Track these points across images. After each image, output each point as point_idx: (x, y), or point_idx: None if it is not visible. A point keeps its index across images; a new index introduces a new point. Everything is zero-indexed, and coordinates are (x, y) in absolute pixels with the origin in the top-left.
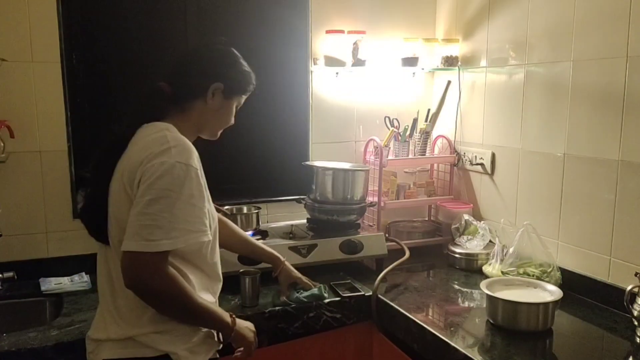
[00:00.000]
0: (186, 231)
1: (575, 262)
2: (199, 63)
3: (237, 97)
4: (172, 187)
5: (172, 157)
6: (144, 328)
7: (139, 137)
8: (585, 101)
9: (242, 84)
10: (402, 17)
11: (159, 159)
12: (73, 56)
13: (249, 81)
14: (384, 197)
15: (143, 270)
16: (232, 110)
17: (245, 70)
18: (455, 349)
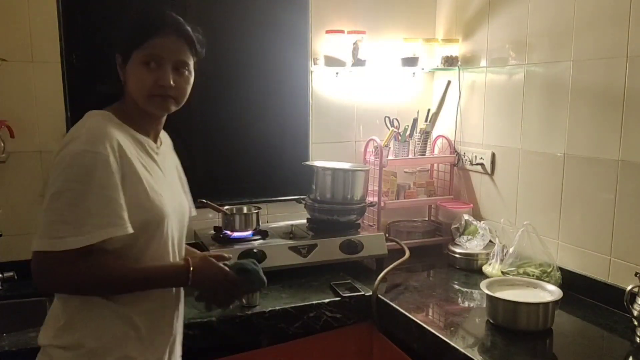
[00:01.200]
0: (97, 226)
1: (575, 262)
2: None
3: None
4: (78, 177)
5: (80, 145)
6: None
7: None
8: (585, 101)
9: (130, 36)
10: (402, 17)
11: (65, 149)
12: (73, 56)
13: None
14: (384, 197)
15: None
16: (137, 71)
17: (132, 18)
18: (455, 349)
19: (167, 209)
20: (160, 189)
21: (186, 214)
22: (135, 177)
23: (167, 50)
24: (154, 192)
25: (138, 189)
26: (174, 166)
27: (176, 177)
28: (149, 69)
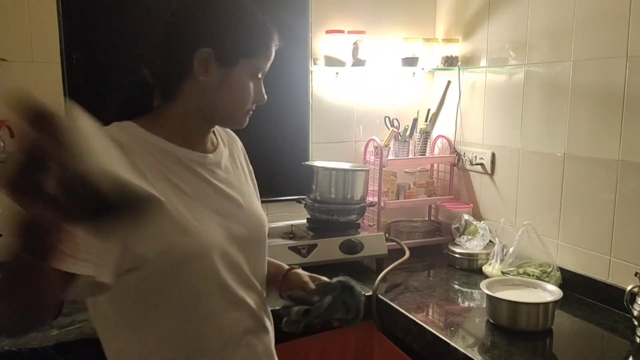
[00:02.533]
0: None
1: (575, 262)
2: (175, 27)
3: (244, 61)
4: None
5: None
6: None
7: None
8: (585, 101)
9: (246, 43)
10: (402, 17)
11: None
12: (73, 56)
13: (260, 36)
14: (384, 197)
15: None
16: (243, 82)
17: (249, 21)
18: (455, 349)
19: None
20: (199, 211)
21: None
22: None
23: (269, 63)
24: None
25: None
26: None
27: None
28: (252, 83)
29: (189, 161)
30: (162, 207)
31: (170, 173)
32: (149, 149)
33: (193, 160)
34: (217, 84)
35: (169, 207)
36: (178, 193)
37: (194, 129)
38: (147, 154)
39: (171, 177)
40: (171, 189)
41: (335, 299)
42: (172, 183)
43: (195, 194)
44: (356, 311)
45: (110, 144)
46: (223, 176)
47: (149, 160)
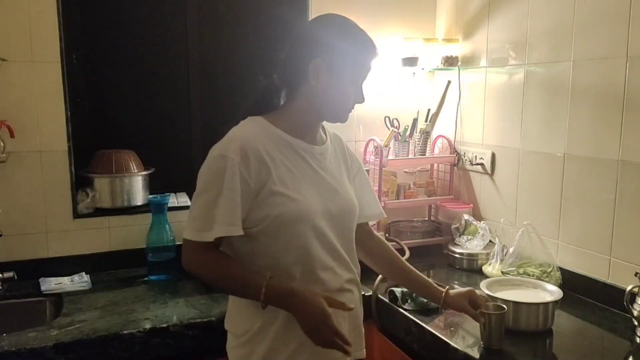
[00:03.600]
0: (219, 224)
1: (575, 262)
2: (298, 43)
3: (348, 70)
4: (212, 180)
5: (218, 149)
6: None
7: None
8: (585, 101)
9: (350, 55)
10: (402, 17)
11: (211, 152)
12: (73, 56)
13: (362, 49)
14: (384, 197)
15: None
16: (346, 88)
17: (353, 37)
18: (455, 349)
19: (310, 205)
20: (304, 187)
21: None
22: (272, 177)
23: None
24: (294, 191)
25: (274, 189)
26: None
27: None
28: (353, 88)
29: (300, 149)
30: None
31: (285, 158)
32: (272, 138)
33: (303, 148)
34: (324, 88)
35: (282, 183)
36: (290, 173)
37: (306, 123)
38: (271, 142)
39: (285, 161)
40: (285, 169)
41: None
42: (286, 165)
43: (302, 175)
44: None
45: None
46: (326, 165)
47: (272, 147)
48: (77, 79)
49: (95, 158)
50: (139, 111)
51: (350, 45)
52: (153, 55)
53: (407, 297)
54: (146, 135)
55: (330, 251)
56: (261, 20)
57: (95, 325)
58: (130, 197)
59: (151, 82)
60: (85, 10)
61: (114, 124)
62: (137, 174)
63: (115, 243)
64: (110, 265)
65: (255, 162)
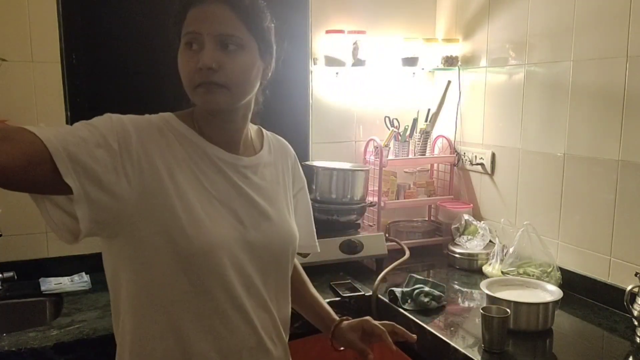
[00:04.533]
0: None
1: (575, 262)
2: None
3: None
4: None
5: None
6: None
7: None
8: (585, 101)
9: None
10: (402, 17)
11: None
12: (73, 56)
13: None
14: (384, 197)
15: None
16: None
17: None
18: (455, 349)
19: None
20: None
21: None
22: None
23: (207, 22)
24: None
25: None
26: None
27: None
28: (192, 51)
29: (217, 159)
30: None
31: (195, 166)
32: (179, 139)
33: (222, 159)
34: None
35: (183, 197)
36: (197, 187)
37: (205, 122)
38: (177, 144)
39: (195, 169)
40: (192, 181)
41: None
42: (194, 175)
43: (216, 192)
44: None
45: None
46: (256, 182)
47: (177, 149)
48: (77, 79)
49: None
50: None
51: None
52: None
53: (407, 297)
54: None
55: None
56: None
57: (95, 325)
58: None
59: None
60: (85, 10)
61: None
62: None
63: None
64: None
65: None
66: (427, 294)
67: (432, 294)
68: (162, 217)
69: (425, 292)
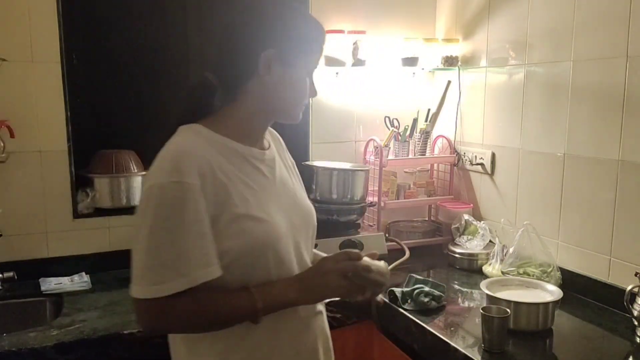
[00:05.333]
0: (195, 266)
1: (575, 262)
2: (239, 32)
3: (301, 59)
4: (169, 214)
5: (166, 175)
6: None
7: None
8: (585, 101)
9: (304, 41)
10: (402, 17)
11: (152, 180)
12: (73, 56)
13: (314, 35)
14: (384, 197)
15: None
16: (301, 79)
17: (306, 20)
18: (455, 349)
19: (280, 227)
20: (267, 205)
21: (311, 219)
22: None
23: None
24: (259, 211)
25: (237, 211)
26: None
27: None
28: (308, 78)
29: (252, 158)
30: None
31: (238, 170)
32: (219, 149)
33: (255, 157)
34: (278, 82)
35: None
36: (247, 189)
37: (255, 126)
38: (219, 154)
39: (239, 174)
40: (242, 185)
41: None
42: (241, 179)
43: (261, 188)
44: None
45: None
46: (278, 172)
47: (221, 160)
48: (77, 79)
49: (95, 158)
50: (139, 111)
51: (304, 30)
52: (153, 55)
53: (407, 297)
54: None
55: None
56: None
57: (95, 325)
58: (130, 197)
59: (151, 82)
60: (85, 10)
61: (114, 124)
62: (137, 174)
63: (115, 243)
64: (110, 265)
65: (211, 182)
66: (427, 294)
67: (432, 294)
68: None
69: (425, 292)
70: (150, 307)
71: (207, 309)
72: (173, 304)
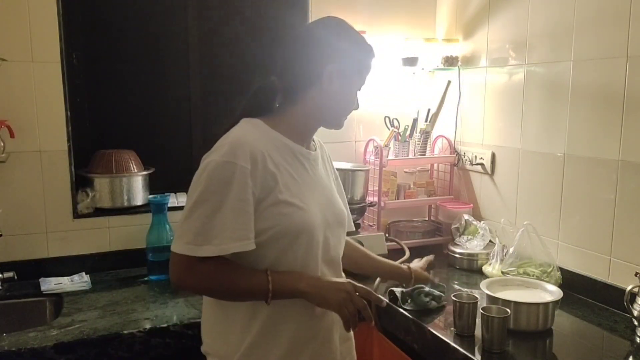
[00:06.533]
0: (227, 238)
1: (575, 262)
2: (308, 46)
3: (355, 76)
4: (217, 189)
5: (222, 155)
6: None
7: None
8: (585, 101)
9: (360, 60)
10: (402, 17)
11: (210, 157)
12: (73, 56)
13: (368, 55)
14: (384, 197)
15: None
16: (353, 92)
17: (360, 41)
18: (455, 349)
19: (314, 215)
20: (306, 196)
21: (342, 219)
22: (279, 186)
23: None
24: (299, 200)
25: (281, 197)
26: (328, 175)
27: (332, 184)
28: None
29: (300, 155)
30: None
31: (287, 163)
32: (274, 142)
33: (302, 154)
34: (335, 93)
35: (288, 191)
36: (292, 180)
37: (307, 128)
38: (274, 147)
39: (287, 166)
40: (288, 175)
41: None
42: (288, 171)
43: (303, 182)
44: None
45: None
46: (320, 172)
47: (275, 153)
48: (77, 79)
49: (95, 158)
50: (139, 111)
51: (359, 49)
52: (153, 55)
53: (407, 297)
54: (146, 135)
55: (330, 263)
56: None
57: (95, 325)
58: (130, 197)
59: (151, 82)
60: (85, 10)
61: (114, 124)
62: (137, 174)
63: (115, 243)
64: (110, 265)
65: (262, 169)
66: (427, 293)
67: (432, 294)
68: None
69: (425, 292)
70: (180, 262)
71: (225, 278)
72: (199, 265)
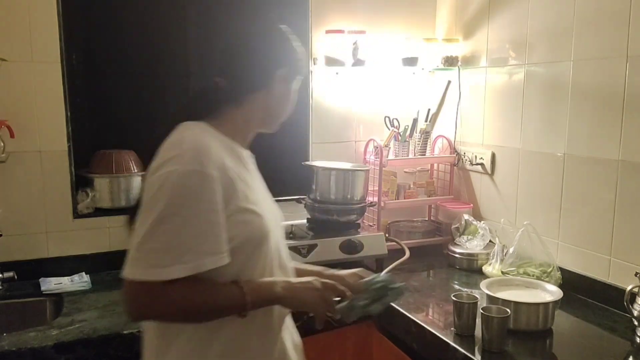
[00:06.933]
0: (199, 254)
1: (575, 262)
2: (258, 50)
3: (296, 79)
4: (184, 201)
5: (186, 164)
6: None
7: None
8: (585, 101)
9: (301, 65)
10: (402, 17)
11: (168, 167)
12: (73, 56)
13: (304, 58)
14: (384, 197)
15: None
16: (293, 95)
17: (302, 50)
18: (455, 349)
19: (269, 221)
20: (258, 202)
21: (281, 220)
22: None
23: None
24: (255, 206)
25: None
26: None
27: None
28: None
29: (244, 159)
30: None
31: (238, 168)
32: (224, 147)
33: (246, 158)
34: (282, 96)
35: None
36: (245, 185)
37: (250, 131)
38: (225, 151)
39: (239, 171)
40: (242, 181)
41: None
42: (240, 177)
43: (253, 186)
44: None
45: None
46: (257, 174)
47: (227, 157)
48: (77, 79)
49: (95, 158)
50: (139, 111)
51: (302, 55)
52: (153, 55)
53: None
54: (146, 135)
55: (284, 268)
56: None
57: (95, 325)
58: (130, 197)
59: (151, 82)
60: (85, 10)
61: (114, 124)
62: (137, 174)
63: (115, 243)
64: (110, 265)
65: (224, 176)
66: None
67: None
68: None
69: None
70: (141, 290)
71: (197, 298)
72: (166, 289)
